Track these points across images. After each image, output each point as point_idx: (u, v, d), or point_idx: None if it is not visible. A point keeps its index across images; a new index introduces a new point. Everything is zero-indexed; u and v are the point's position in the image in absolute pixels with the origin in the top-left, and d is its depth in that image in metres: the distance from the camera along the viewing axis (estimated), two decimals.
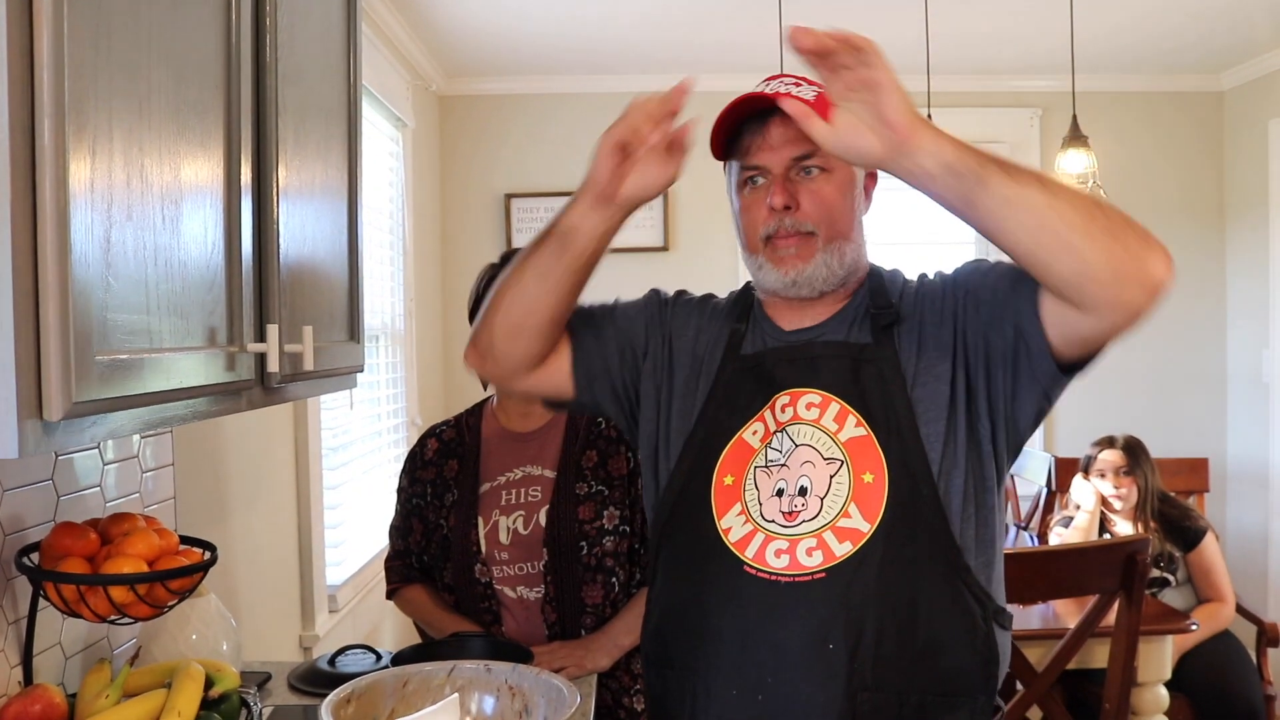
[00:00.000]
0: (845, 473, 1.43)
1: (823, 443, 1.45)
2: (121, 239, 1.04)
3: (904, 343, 1.50)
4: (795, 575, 1.40)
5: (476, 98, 4.58)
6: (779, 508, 1.44)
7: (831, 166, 1.49)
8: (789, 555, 1.41)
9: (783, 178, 1.49)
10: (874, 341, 1.50)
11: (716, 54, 4.15)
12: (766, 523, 1.44)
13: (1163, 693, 2.94)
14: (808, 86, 1.47)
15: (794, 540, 1.41)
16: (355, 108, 1.81)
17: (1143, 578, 2.52)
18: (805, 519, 1.42)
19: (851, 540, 1.39)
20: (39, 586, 1.40)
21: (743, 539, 1.44)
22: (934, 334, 1.49)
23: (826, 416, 1.47)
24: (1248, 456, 4.57)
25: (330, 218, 1.70)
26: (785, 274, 1.50)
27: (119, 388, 1.02)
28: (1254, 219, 4.48)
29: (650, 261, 4.50)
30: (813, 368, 1.50)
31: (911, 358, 1.48)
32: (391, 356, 3.78)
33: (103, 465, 1.69)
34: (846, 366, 1.49)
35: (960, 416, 1.46)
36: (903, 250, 4.54)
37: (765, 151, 1.50)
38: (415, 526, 2.22)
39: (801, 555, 1.40)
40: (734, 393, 1.54)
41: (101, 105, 1.00)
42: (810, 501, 1.43)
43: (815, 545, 1.41)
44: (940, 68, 3.96)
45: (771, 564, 1.41)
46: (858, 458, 1.43)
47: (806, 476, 1.44)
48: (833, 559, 1.39)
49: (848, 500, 1.42)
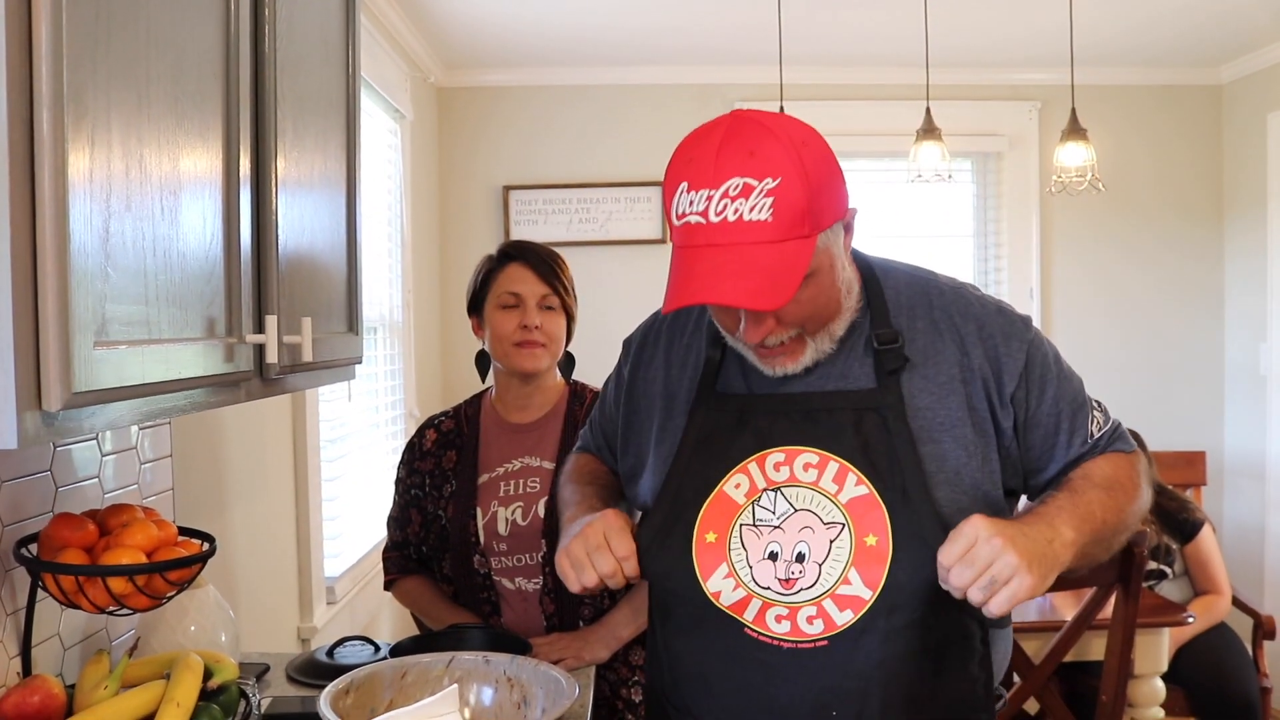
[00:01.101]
0: (847, 536, 1.35)
1: (823, 506, 1.37)
2: (120, 229, 1.04)
3: (914, 386, 1.40)
4: (798, 641, 1.35)
5: (475, 90, 4.57)
6: (774, 574, 1.37)
7: (812, 268, 1.30)
8: (790, 621, 1.36)
9: (754, 316, 1.33)
10: (878, 386, 1.39)
11: (715, 44, 4.15)
12: (762, 589, 1.37)
13: (1159, 685, 2.95)
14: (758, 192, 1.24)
15: (794, 608, 1.36)
16: (354, 99, 1.81)
17: (1140, 570, 2.52)
18: (803, 586, 1.35)
19: (853, 609, 1.34)
20: (37, 577, 1.40)
21: (738, 603, 1.38)
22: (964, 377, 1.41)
23: (825, 477, 1.37)
24: (1245, 450, 4.58)
25: (329, 209, 1.70)
26: (774, 370, 1.40)
27: (118, 378, 1.02)
28: (1252, 212, 4.48)
29: (648, 253, 4.50)
30: (809, 420, 1.40)
31: (923, 403, 1.39)
32: (390, 348, 3.78)
33: (101, 456, 1.69)
34: (847, 420, 1.38)
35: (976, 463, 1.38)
36: (903, 244, 4.54)
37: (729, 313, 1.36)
38: (413, 517, 2.23)
39: (802, 623, 1.35)
40: (710, 439, 1.44)
41: (100, 95, 0.99)
42: (808, 568, 1.35)
43: (815, 614, 1.35)
44: (939, 61, 3.96)
45: (773, 629, 1.36)
46: (860, 519, 1.35)
47: (805, 542, 1.36)
48: (834, 628, 1.34)
49: (848, 566, 1.34)
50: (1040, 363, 1.45)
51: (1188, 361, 4.71)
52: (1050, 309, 4.67)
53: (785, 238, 1.25)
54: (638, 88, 4.55)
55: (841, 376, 1.41)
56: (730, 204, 1.24)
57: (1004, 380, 1.41)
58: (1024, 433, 1.43)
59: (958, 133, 4.12)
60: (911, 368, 1.40)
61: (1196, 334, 4.71)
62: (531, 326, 2.11)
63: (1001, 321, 1.46)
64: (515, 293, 2.14)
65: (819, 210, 1.28)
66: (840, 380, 1.41)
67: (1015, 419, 1.42)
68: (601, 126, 4.58)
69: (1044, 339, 1.49)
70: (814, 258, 1.29)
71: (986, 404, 1.40)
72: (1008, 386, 1.41)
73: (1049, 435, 1.45)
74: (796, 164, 1.25)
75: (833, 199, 1.31)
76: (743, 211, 1.24)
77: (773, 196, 1.24)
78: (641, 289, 4.41)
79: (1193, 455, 4.20)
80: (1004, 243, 4.67)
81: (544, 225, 4.52)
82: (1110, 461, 1.46)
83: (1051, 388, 1.45)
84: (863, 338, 1.43)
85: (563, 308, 2.17)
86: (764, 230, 1.24)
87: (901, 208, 4.59)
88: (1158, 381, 4.69)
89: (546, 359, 2.15)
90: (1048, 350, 1.47)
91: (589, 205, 4.55)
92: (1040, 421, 1.44)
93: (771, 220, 1.24)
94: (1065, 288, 4.68)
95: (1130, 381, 4.65)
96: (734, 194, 1.24)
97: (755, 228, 1.24)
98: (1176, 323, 4.70)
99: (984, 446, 1.39)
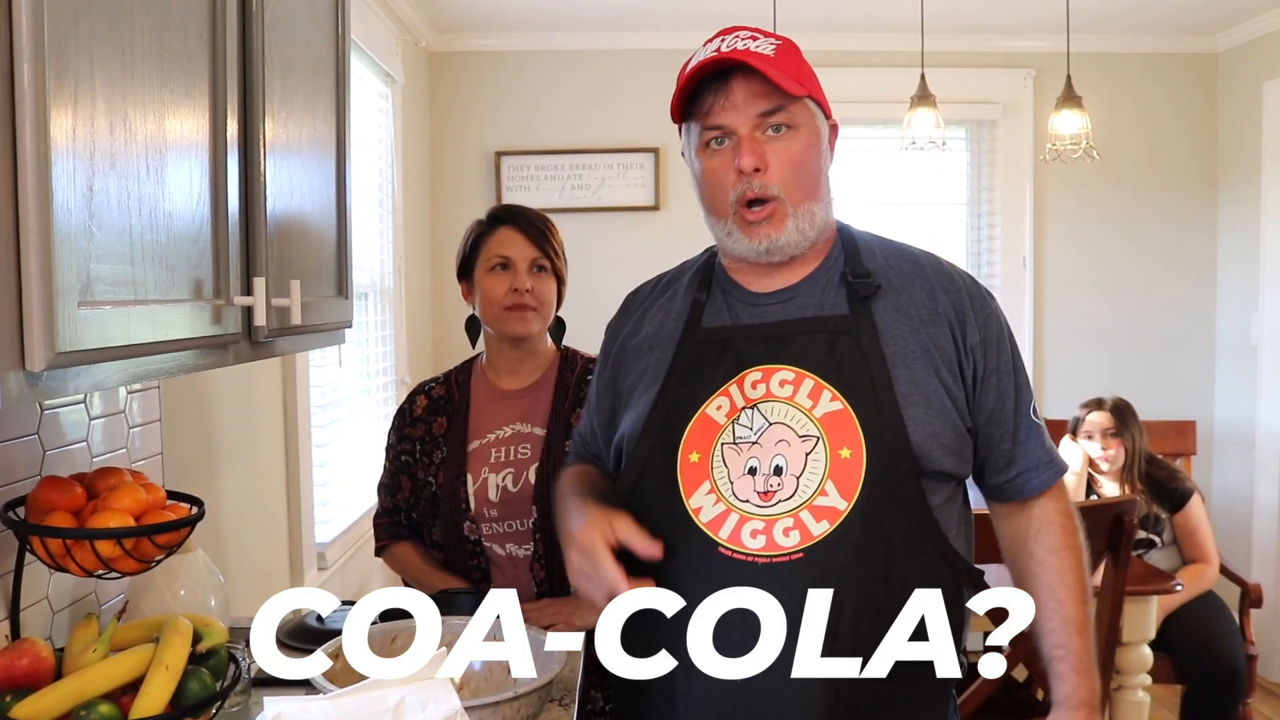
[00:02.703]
0: (822, 449, 1.41)
1: (798, 420, 1.42)
2: (105, 188, 1.02)
3: (886, 316, 1.48)
4: (773, 556, 1.38)
5: (467, 54, 4.53)
6: (754, 487, 1.41)
7: (798, 123, 1.46)
8: (765, 536, 1.39)
9: (749, 137, 1.45)
10: (851, 313, 1.47)
11: (709, 10, 4.11)
12: (740, 503, 1.41)
13: (1147, 652, 2.97)
14: (764, 39, 1.46)
15: (770, 520, 1.39)
16: (344, 61, 1.79)
17: (1129, 539, 2.53)
18: (781, 499, 1.40)
19: (829, 519, 1.38)
20: (25, 541, 1.40)
21: (715, 519, 1.41)
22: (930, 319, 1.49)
23: (801, 393, 1.44)
24: (1235, 419, 4.59)
25: (318, 172, 1.68)
26: (758, 242, 1.47)
27: (102, 339, 1.01)
28: (1246, 181, 4.47)
29: (641, 220, 4.49)
30: (786, 342, 1.47)
31: (895, 332, 1.47)
32: (381, 314, 3.76)
33: (89, 420, 1.68)
34: (821, 341, 1.46)
35: (943, 392, 1.46)
36: (897, 211, 4.53)
37: (729, 110, 1.45)
38: (404, 484, 2.22)
39: (779, 536, 1.39)
40: (695, 367, 1.51)
41: (83, 52, 0.98)
42: (786, 481, 1.40)
43: (792, 525, 1.39)
44: (934, 27, 3.93)
45: (748, 545, 1.39)
46: (834, 433, 1.41)
47: (781, 455, 1.42)
48: (810, 539, 1.38)
49: (824, 478, 1.39)
50: (998, 330, 1.54)
51: (1179, 331, 4.71)
52: (1043, 277, 4.67)
53: (785, 71, 1.43)
54: (631, 53, 4.51)
55: (818, 306, 1.50)
56: (739, 41, 1.46)
57: (968, 329, 1.50)
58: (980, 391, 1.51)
59: (952, 100, 4.09)
60: (884, 297, 1.49)
61: (1188, 303, 4.72)
62: (522, 290, 2.10)
63: (970, 282, 1.56)
64: (505, 256, 2.12)
65: (811, 83, 1.49)
66: (817, 309, 1.50)
67: (975, 371, 1.50)
68: (595, 92, 4.55)
69: (1003, 315, 1.59)
70: (803, 113, 1.47)
71: (952, 345, 1.48)
72: (971, 336, 1.50)
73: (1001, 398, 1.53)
74: (794, 45, 1.50)
75: (820, 89, 1.52)
76: (750, 45, 1.45)
77: (775, 46, 1.46)
78: (635, 255, 4.40)
79: (1183, 424, 4.22)
80: (997, 211, 4.67)
81: (536, 191, 4.49)
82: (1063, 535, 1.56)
83: (1006, 355, 1.54)
84: (838, 273, 1.52)
85: (553, 271, 2.16)
86: (769, 58, 1.44)
87: (895, 175, 4.58)
88: (1149, 350, 4.69)
89: (537, 323, 2.14)
90: (1005, 326, 1.57)
91: (582, 171, 4.52)
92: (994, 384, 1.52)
93: (774, 56, 1.44)
94: (1058, 256, 4.68)
95: (1122, 350, 4.66)
96: (743, 36, 1.47)
97: (762, 56, 1.43)
98: (1168, 292, 4.70)
99: (952, 380, 1.47)
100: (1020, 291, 4.62)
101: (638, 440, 1.52)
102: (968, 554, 1.53)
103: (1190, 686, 3.35)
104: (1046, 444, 1.58)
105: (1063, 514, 1.57)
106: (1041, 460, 1.56)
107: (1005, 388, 1.52)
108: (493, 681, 1.55)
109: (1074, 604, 1.52)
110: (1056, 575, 1.53)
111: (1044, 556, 1.54)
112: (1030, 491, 1.56)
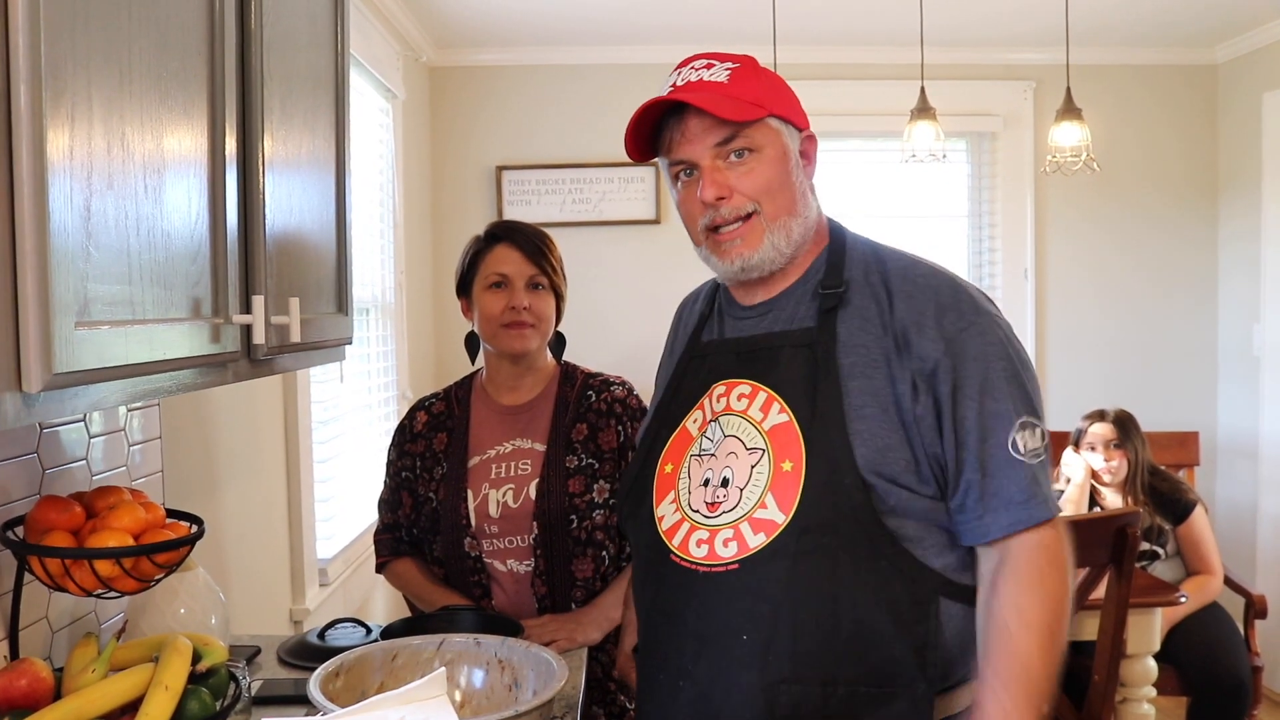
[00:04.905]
0: (766, 462, 1.41)
1: (748, 433, 1.44)
2: (102, 208, 1.02)
3: (850, 326, 1.43)
4: (712, 565, 1.41)
5: (468, 69, 4.54)
6: (704, 498, 1.45)
7: (759, 145, 1.45)
8: (708, 545, 1.42)
9: (711, 167, 1.45)
10: (816, 325, 1.46)
11: (710, 24, 4.12)
12: (692, 512, 1.45)
13: (1151, 664, 2.96)
14: (720, 66, 1.47)
15: (714, 531, 1.42)
16: (343, 77, 1.79)
17: (1133, 551, 2.52)
18: (725, 510, 1.42)
19: (765, 531, 1.38)
20: (24, 560, 1.39)
21: (672, 527, 1.47)
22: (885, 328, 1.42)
23: (754, 406, 1.46)
24: (1238, 430, 4.58)
25: (318, 189, 1.68)
26: (731, 263, 1.48)
27: (100, 359, 1.00)
28: (1247, 192, 4.47)
29: (642, 234, 4.48)
30: (751, 356, 1.50)
31: (857, 341, 1.42)
32: (382, 329, 3.76)
33: (89, 438, 1.68)
34: (782, 355, 1.46)
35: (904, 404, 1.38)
36: (897, 224, 4.53)
37: (686, 144, 1.47)
38: (404, 500, 2.22)
39: (719, 546, 1.41)
40: (683, 382, 1.58)
41: (80, 72, 0.98)
42: (730, 492, 1.42)
43: (731, 536, 1.40)
44: (934, 40, 3.93)
45: (693, 553, 1.43)
46: (779, 445, 1.41)
47: (730, 467, 1.44)
48: (746, 550, 1.39)
49: (765, 491, 1.39)
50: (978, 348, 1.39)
51: (1181, 342, 4.71)
52: (1045, 289, 4.66)
53: (740, 97, 1.43)
54: (632, 67, 4.52)
55: (789, 319, 1.50)
56: (694, 72, 1.47)
57: (920, 340, 1.39)
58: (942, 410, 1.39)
59: (952, 112, 4.10)
60: (847, 306, 1.46)
61: (1190, 314, 4.71)
62: (520, 307, 2.10)
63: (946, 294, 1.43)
64: (502, 273, 2.13)
65: (772, 100, 1.47)
66: (786, 323, 1.50)
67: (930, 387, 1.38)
68: (595, 107, 4.55)
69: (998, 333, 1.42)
70: (763, 134, 1.45)
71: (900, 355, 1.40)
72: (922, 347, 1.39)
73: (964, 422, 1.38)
74: (753, 63, 1.49)
75: (786, 101, 1.50)
76: (703, 75, 1.46)
77: (731, 70, 1.46)
78: (636, 269, 4.40)
79: (1186, 436, 4.21)
80: (998, 223, 4.66)
81: (537, 206, 4.50)
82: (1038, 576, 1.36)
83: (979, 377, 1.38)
84: (814, 286, 1.51)
85: (551, 287, 2.16)
86: (721, 86, 1.44)
87: (896, 188, 4.58)
88: (1152, 362, 4.69)
89: (535, 339, 2.14)
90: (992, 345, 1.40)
91: (582, 186, 4.52)
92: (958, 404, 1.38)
93: (728, 83, 1.44)
94: (1059, 268, 4.67)
95: (1124, 362, 4.65)
96: (698, 66, 1.48)
97: (714, 85, 1.44)
98: (1170, 303, 4.69)
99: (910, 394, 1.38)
100: (1022, 303, 4.62)
101: (636, 452, 1.61)
102: (961, 567, 1.41)
103: (1195, 698, 3.33)
104: (1026, 483, 1.36)
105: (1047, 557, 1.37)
106: (1014, 500, 1.36)
107: (975, 411, 1.37)
108: (494, 699, 1.54)
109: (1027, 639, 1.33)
110: (1013, 606, 1.34)
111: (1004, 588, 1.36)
112: (994, 535, 1.37)
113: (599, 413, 2.16)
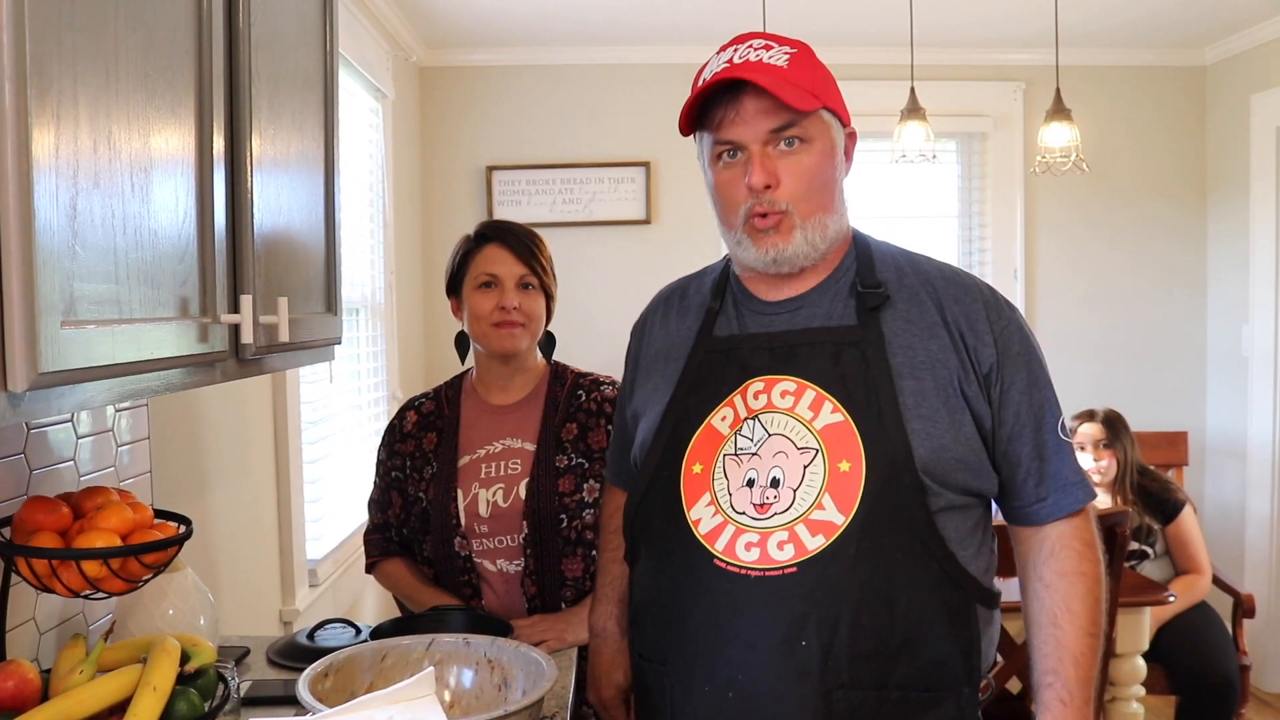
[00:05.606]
0: (820, 462, 1.38)
1: (797, 432, 1.40)
2: (89, 207, 1.02)
3: (894, 326, 1.44)
4: (765, 569, 1.36)
5: (458, 69, 4.54)
6: (750, 499, 1.40)
7: (811, 136, 1.43)
8: (760, 549, 1.37)
9: (761, 153, 1.42)
10: (859, 323, 1.44)
11: (699, 24, 4.12)
12: (737, 515, 1.40)
13: (1140, 663, 2.97)
14: (779, 49, 1.44)
15: (765, 533, 1.37)
16: (332, 77, 1.79)
17: (1122, 550, 2.53)
18: (777, 511, 1.38)
19: (825, 534, 1.35)
20: (10, 561, 1.39)
21: (712, 531, 1.41)
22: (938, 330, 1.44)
23: (801, 404, 1.41)
24: (1226, 430, 4.60)
25: (306, 188, 1.68)
26: (765, 252, 1.45)
27: (86, 359, 1.00)
28: (1235, 193, 4.49)
29: (632, 234, 4.48)
30: (791, 353, 1.45)
31: (903, 342, 1.43)
32: (372, 329, 3.76)
33: (76, 439, 1.67)
34: (826, 351, 1.43)
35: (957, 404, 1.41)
36: (888, 224, 4.53)
37: (739, 125, 1.43)
38: (394, 500, 2.21)
39: (773, 549, 1.37)
40: (703, 377, 1.51)
41: (66, 69, 0.97)
42: (783, 493, 1.38)
43: (787, 539, 1.36)
44: (924, 41, 3.94)
45: (742, 557, 1.38)
46: (834, 445, 1.38)
47: (779, 467, 1.40)
48: (804, 553, 1.35)
49: (821, 491, 1.37)
50: (1020, 343, 1.47)
51: (1170, 342, 4.72)
52: (1034, 289, 4.67)
53: (799, 84, 1.40)
54: (622, 67, 4.52)
55: (826, 316, 1.47)
56: (753, 51, 1.44)
57: (979, 341, 1.44)
58: (1000, 405, 1.45)
59: (942, 113, 4.11)
60: (893, 307, 1.45)
61: (1179, 315, 4.72)
62: (509, 307, 2.10)
63: (988, 293, 1.50)
64: (492, 273, 2.12)
65: (825, 92, 1.45)
66: (825, 319, 1.47)
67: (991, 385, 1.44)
68: (586, 107, 4.55)
69: (1027, 326, 1.51)
70: (816, 126, 1.44)
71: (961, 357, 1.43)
72: (982, 348, 1.44)
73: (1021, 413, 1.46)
74: (809, 50, 1.47)
75: (837, 94, 1.49)
76: (762, 56, 1.42)
77: (789, 55, 1.43)
78: (626, 269, 4.40)
79: (1175, 435, 4.23)
80: (988, 223, 4.67)
81: (527, 206, 4.49)
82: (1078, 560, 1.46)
83: (1028, 370, 1.47)
84: (848, 284, 1.48)
85: (541, 287, 2.15)
86: (781, 70, 1.41)
87: (886, 188, 4.58)
88: (1140, 362, 4.70)
89: (525, 339, 2.14)
90: (1028, 339, 1.49)
91: (573, 186, 4.52)
92: (1014, 399, 1.45)
93: (787, 68, 1.41)
94: (1049, 268, 4.68)
95: (1113, 362, 4.67)
96: (757, 46, 1.44)
97: (774, 68, 1.41)
98: (1159, 304, 4.71)
99: (968, 393, 1.43)
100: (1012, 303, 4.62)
101: (648, 451, 1.52)
102: (987, 573, 1.46)
103: (1184, 697, 3.34)
104: (1075, 464, 1.49)
105: (1082, 539, 1.47)
106: (1070, 481, 1.46)
107: (1027, 403, 1.45)
108: (483, 699, 1.54)
109: (1074, 633, 1.43)
110: (1061, 600, 1.44)
111: (1052, 580, 1.45)
112: (1058, 515, 1.46)
113: (589, 412, 2.16)
